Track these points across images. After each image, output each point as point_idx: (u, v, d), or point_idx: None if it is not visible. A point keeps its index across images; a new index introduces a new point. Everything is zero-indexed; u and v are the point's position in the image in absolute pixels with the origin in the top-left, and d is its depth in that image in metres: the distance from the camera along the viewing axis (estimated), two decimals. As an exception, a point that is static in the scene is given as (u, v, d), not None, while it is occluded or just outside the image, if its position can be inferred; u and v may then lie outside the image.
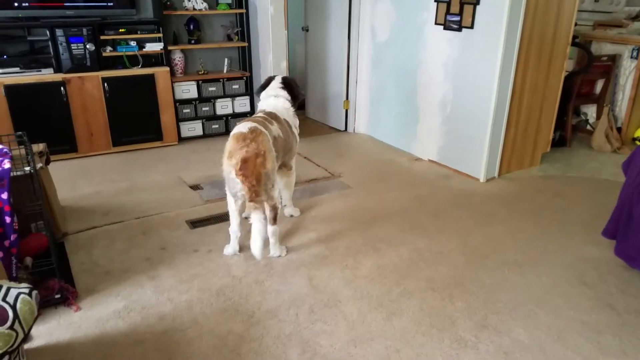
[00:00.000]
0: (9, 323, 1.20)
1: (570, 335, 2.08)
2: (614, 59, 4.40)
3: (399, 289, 2.40)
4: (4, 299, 1.24)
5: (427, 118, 4.06)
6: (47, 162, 2.86)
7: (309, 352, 1.98)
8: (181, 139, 4.56)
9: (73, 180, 3.66)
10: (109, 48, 4.12)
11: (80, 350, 1.98)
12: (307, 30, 5.25)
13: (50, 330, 2.09)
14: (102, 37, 4.05)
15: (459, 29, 3.56)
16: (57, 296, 2.23)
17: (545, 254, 2.72)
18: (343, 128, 5.05)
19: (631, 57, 4.33)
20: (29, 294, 1.31)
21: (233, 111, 4.69)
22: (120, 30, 4.14)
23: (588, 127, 4.74)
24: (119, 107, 4.16)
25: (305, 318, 2.18)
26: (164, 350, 1.99)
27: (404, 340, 2.05)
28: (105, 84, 4.05)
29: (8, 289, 1.29)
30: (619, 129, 4.45)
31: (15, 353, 1.22)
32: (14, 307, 1.23)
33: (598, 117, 4.51)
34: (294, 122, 2.96)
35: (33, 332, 2.07)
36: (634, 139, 4.28)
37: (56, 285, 2.24)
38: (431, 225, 3.03)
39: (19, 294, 1.28)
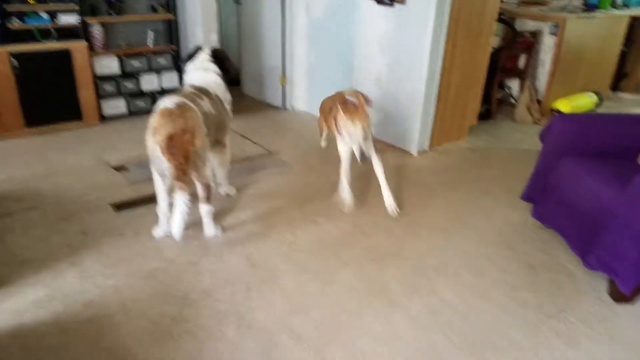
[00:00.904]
0: None
1: (492, 293, 2.21)
2: (536, 35, 4.63)
3: (336, 260, 2.41)
4: None
5: (362, 94, 4.06)
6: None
7: (245, 326, 1.95)
8: (104, 119, 4.26)
9: (-19, 166, 3.33)
10: (15, 20, 3.73)
11: None
12: (240, 4, 5.06)
13: None
14: (8, 8, 3.65)
15: (391, 4, 3.57)
16: None
17: (473, 220, 2.84)
18: (280, 104, 4.94)
19: (550, 34, 4.57)
20: None
21: (160, 87, 4.45)
22: (29, 0, 3.76)
23: (512, 100, 4.98)
24: (32, 85, 3.80)
25: (241, 295, 2.13)
26: (90, 337, 1.87)
27: (339, 308, 2.07)
28: (14, 60, 3.67)
29: None
30: (539, 102, 4.71)
31: None
32: None
33: (521, 90, 4.74)
34: (226, 97, 2.83)
35: None
36: (552, 111, 4.55)
37: None
38: (367, 198, 3.06)
39: None
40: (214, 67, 2.80)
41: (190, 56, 2.86)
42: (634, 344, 1.94)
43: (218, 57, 2.84)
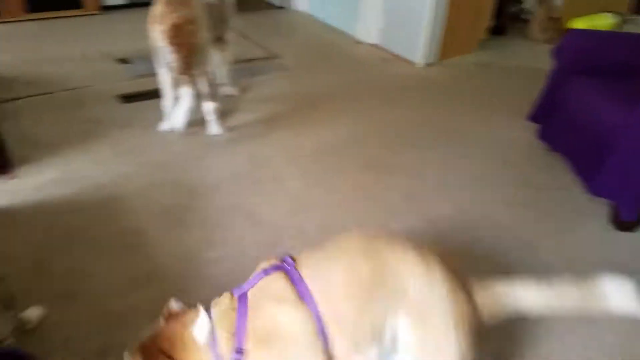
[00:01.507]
0: None
1: (489, 206, 2.27)
2: (559, -55, 4.34)
3: (338, 167, 2.47)
4: None
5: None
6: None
7: (252, 219, 2.06)
8: (104, 8, 4.09)
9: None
10: None
11: (20, 214, 1.96)
12: None
13: None
14: None
15: None
16: None
17: (475, 136, 2.87)
18: (281, 3, 4.72)
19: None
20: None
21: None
22: None
23: (526, 16, 4.79)
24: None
25: (248, 191, 2.23)
26: (106, 218, 1.99)
27: (340, 208, 2.17)
28: None
29: None
30: (556, 20, 4.54)
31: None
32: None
33: (537, 5, 4.54)
34: None
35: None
36: (568, 30, 4.40)
37: None
38: (369, 108, 3.07)
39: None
40: None
41: None
42: (628, 267, 1.90)
43: None
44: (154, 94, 2.72)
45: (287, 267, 1.10)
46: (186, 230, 1.96)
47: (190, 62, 2.26)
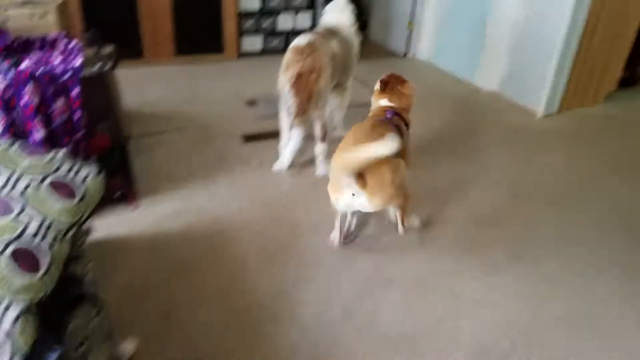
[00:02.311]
0: (77, 198, 1.32)
1: (604, 272, 2.06)
2: None
3: (439, 215, 2.41)
4: (75, 174, 1.36)
5: (493, 46, 3.80)
6: (115, 65, 2.97)
7: (345, 268, 2.08)
8: (241, 54, 4.57)
9: (137, 87, 3.81)
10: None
11: (135, 245, 2.16)
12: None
13: (108, 225, 2.26)
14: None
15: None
16: (118, 194, 2.37)
17: (593, 195, 2.62)
18: (403, 51, 4.82)
19: None
20: (98, 174, 1.44)
21: (294, 27, 4.59)
22: None
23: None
24: (184, 14, 4.18)
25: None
26: (216, 248, 2.15)
27: (438, 262, 2.11)
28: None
29: (80, 166, 1.41)
30: None
31: (78, 231, 1.35)
32: (83, 183, 1.35)
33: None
34: (355, 40, 2.86)
35: (94, 225, 2.30)
36: None
37: (117, 183, 2.37)
38: (483, 155, 2.97)
39: (89, 172, 1.40)
40: (349, 9, 2.83)
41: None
42: None
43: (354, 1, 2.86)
44: (274, 135, 2.94)
45: None
46: (284, 268, 2.04)
47: (307, 107, 2.41)
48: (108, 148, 2.61)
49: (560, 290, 1.98)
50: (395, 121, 2.11)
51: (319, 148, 2.66)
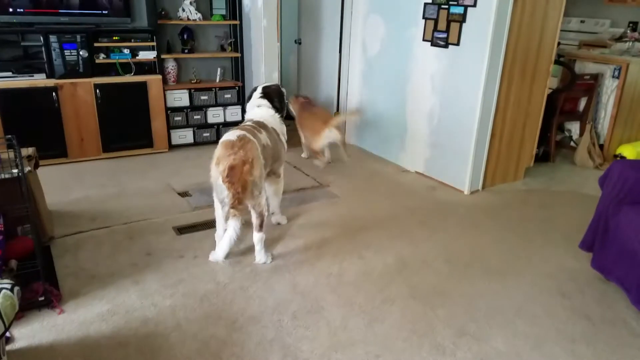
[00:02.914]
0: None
1: (546, 344, 2.13)
2: (597, 77, 4.52)
3: (382, 295, 2.44)
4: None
5: (414, 130, 4.13)
6: (36, 166, 2.87)
7: (290, 356, 2.01)
8: (172, 147, 4.59)
9: (62, 185, 3.67)
10: (102, 55, 4.16)
11: (63, 353, 1.99)
12: (300, 43, 5.34)
13: (33, 332, 2.10)
14: (96, 44, 4.09)
15: (446, 46, 3.66)
16: (41, 299, 2.24)
17: (527, 264, 2.78)
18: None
19: (613, 77, 4.46)
20: (11, 290, 1.34)
21: (224, 120, 4.74)
22: (114, 37, 4.20)
23: (572, 143, 4.84)
24: (111, 114, 4.19)
25: (288, 324, 2.21)
26: (146, 353, 2.01)
27: (384, 346, 2.08)
28: (97, 90, 4.08)
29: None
30: (601, 146, 4.55)
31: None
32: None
33: (581, 134, 4.61)
34: (282, 129, 3.01)
35: (15, 333, 2.08)
36: (615, 156, 4.38)
37: (40, 287, 2.25)
38: (416, 235, 3.08)
39: (1, 288, 1.30)
40: (265, 103, 3.00)
41: (249, 97, 3.09)
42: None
43: (267, 94, 3.04)
44: (210, 225, 2.89)
45: None
46: (224, 366, 1.93)
47: (242, 198, 2.45)
48: (30, 251, 2.45)
49: None
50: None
51: (257, 237, 2.66)
